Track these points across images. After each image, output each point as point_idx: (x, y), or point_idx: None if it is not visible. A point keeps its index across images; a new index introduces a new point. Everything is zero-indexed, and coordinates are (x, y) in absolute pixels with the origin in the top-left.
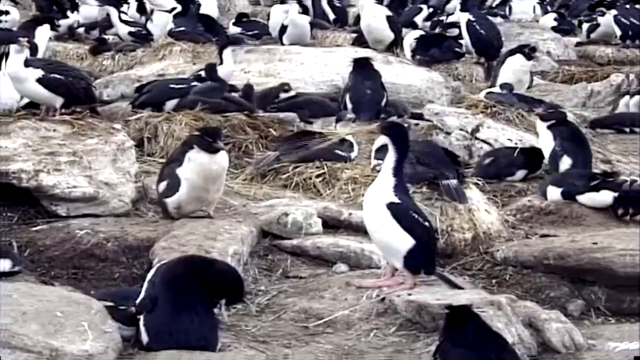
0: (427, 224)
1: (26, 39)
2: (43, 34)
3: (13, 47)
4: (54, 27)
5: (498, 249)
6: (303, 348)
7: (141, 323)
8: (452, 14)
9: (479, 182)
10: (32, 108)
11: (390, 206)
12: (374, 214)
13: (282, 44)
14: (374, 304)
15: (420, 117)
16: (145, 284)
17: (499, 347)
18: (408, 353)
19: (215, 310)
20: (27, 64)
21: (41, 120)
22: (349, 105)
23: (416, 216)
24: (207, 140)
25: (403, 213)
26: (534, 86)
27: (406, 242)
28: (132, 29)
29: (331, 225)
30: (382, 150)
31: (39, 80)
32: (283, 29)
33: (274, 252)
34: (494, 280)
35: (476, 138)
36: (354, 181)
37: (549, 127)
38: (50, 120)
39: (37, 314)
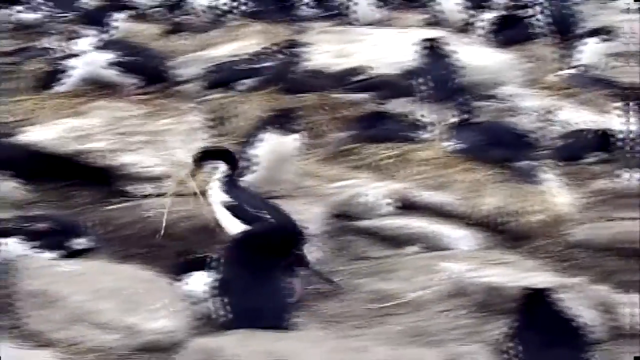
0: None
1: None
2: (118, 15)
3: (87, 30)
4: (130, 11)
5: (571, 232)
6: (374, 329)
7: (215, 301)
8: None
9: (553, 164)
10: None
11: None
12: None
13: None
14: (445, 285)
15: (493, 98)
16: (218, 264)
17: (572, 332)
18: (480, 335)
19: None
20: (100, 46)
21: (116, 100)
22: (423, 87)
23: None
24: (282, 121)
25: None
26: (610, 68)
27: None
28: (211, 3)
29: (404, 206)
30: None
31: (112, 63)
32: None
33: (346, 233)
34: (566, 264)
35: (550, 120)
36: (427, 162)
37: (624, 109)
38: (125, 101)
39: (111, 291)
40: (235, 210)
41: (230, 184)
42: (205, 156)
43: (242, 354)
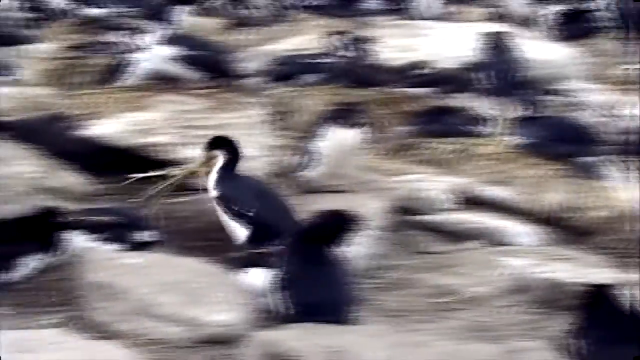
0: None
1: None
2: (182, 10)
3: (151, 24)
4: (194, 5)
5: (635, 228)
6: (434, 324)
7: (278, 295)
8: None
9: (617, 160)
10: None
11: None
12: None
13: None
14: (507, 281)
15: (556, 93)
16: (279, 257)
17: (635, 328)
18: (541, 331)
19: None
20: (164, 41)
21: (180, 94)
22: (486, 81)
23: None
24: (344, 116)
25: None
26: None
27: None
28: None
29: (465, 201)
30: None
31: (177, 57)
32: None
33: (408, 227)
34: (629, 260)
35: (614, 115)
36: (489, 157)
37: None
38: (188, 95)
39: (174, 284)
40: (223, 203)
41: (226, 175)
42: (212, 145)
43: (303, 347)
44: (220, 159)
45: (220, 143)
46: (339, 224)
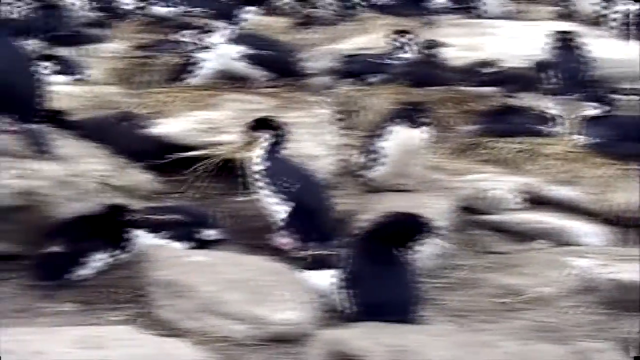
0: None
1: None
2: (250, 12)
3: (218, 24)
4: (261, 4)
5: None
6: (502, 324)
7: (344, 294)
8: None
9: None
10: None
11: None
12: None
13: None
14: (573, 281)
15: (625, 92)
16: (346, 257)
17: None
18: (608, 332)
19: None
20: (231, 40)
21: (247, 93)
22: (556, 80)
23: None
24: (411, 114)
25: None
26: None
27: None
28: None
29: (532, 201)
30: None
31: (243, 56)
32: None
33: (473, 227)
34: None
35: None
36: (557, 156)
37: None
38: (255, 93)
39: (241, 282)
40: (265, 177)
41: (272, 153)
42: (256, 126)
43: (369, 346)
44: (266, 139)
45: (265, 125)
46: (409, 228)
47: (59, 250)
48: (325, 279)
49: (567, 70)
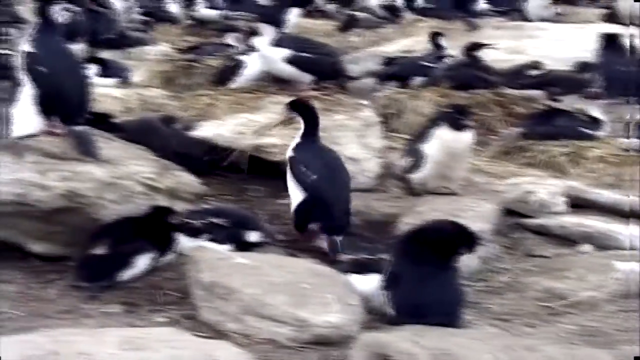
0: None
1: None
2: (294, 15)
3: (262, 27)
4: (305, 9)
5: None
6: (546, 328)
7: (387, 298)
8: None
9: None
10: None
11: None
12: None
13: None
14: (618, 285)
15: None
16: (389, 260)
17: None
18: None
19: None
20: (275, 43)
21: (291, 95)
22: (601, 83)
23: (304, 169)
24: (456, 118)
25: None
26: None
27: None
28: (385, 1)
29: (576, 204)
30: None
31: (287, 60)
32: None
33: (517, 230)
34: None
35: None
36: (601, 160)
37: None
38: (299, 96)
39: (284, 285)
40: (292, 163)
41: (306, 141)
42: (291, 107)
43: (413, 349)
44: (301, 125)
45: (300, 108)
46: (455, 239)
47: (104, 252)
48: (369, 282)
49: (615, 73)
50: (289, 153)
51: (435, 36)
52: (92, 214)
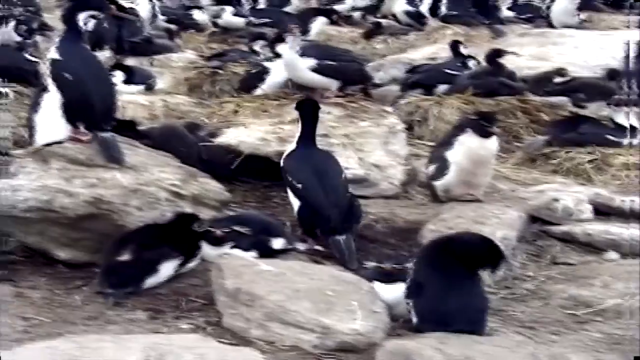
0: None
1: (298, 28)
2: (319, 23)
3: (288, 36)
4: (330, 18)
5: None
6: (571, 336)
7: (411, 305)
8: None
9: None
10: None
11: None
12: None
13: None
14: None
15: None
16: (414, 267)
17: None
18: None
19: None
20: (301, 52)
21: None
22: (626, 90)
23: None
24: (481, 124)
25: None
26: None
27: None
28: (410, 8)
29: (602, 212)
30: None
31: (313, 69)
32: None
33: (542, 237)
34: None
35: None
36: (628, 167)
37: None
38: (324, 103)
39: (309, 292)
40: (284, 173)
41: (300, 146)
42: (296, 107)
43: (437, 356)
44: (299, 125)
45: (301, 107)
46: (481, 254)
47: (129, 258)
48: (394, 290)
49: None
50: (282, 162)
51: (455, 44)
52: (117, 221)
